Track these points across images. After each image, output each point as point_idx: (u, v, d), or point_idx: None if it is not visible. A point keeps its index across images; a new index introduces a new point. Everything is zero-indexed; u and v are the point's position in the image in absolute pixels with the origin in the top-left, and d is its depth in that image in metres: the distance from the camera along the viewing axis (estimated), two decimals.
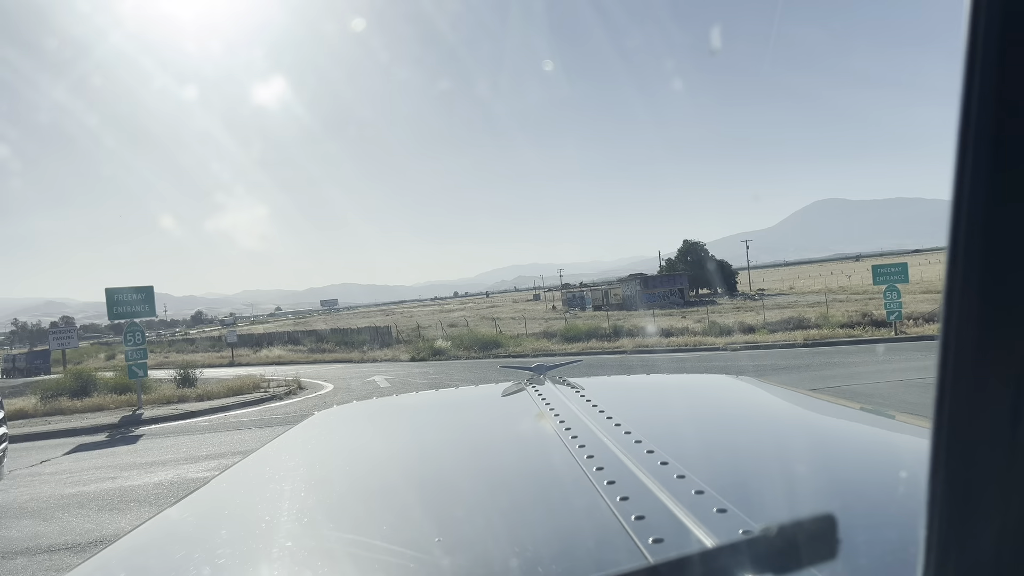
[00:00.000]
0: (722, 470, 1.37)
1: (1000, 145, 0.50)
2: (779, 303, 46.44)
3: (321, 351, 43.32)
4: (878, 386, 14.92)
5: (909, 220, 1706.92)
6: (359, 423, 2.34)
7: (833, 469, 1.41)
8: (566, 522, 1.19)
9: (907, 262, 28.60)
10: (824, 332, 27.32)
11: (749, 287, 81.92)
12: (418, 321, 58.57)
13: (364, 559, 1.14)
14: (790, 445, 1.62)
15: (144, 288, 20.46)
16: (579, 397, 1.97)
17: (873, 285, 28.35)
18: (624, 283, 67.80)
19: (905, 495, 1.16)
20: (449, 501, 1.38)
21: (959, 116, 0.52)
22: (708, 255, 75.54)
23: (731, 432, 1.81)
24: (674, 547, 0.97)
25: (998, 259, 0.51)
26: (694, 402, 2.25)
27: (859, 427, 1.87)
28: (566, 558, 1.04)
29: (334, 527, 1.31)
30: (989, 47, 0.50)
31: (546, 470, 1.50)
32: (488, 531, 1.20)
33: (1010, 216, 0.51)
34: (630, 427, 1.53)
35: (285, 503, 1.50)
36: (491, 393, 2.44)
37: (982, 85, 0.51)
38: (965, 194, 0.52)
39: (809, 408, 2.05)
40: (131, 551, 1.43)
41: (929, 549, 0.54)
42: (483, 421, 2.20)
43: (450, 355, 33.10)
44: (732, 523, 1.01)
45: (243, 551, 1.26)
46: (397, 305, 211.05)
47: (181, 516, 1.57)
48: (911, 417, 1.73)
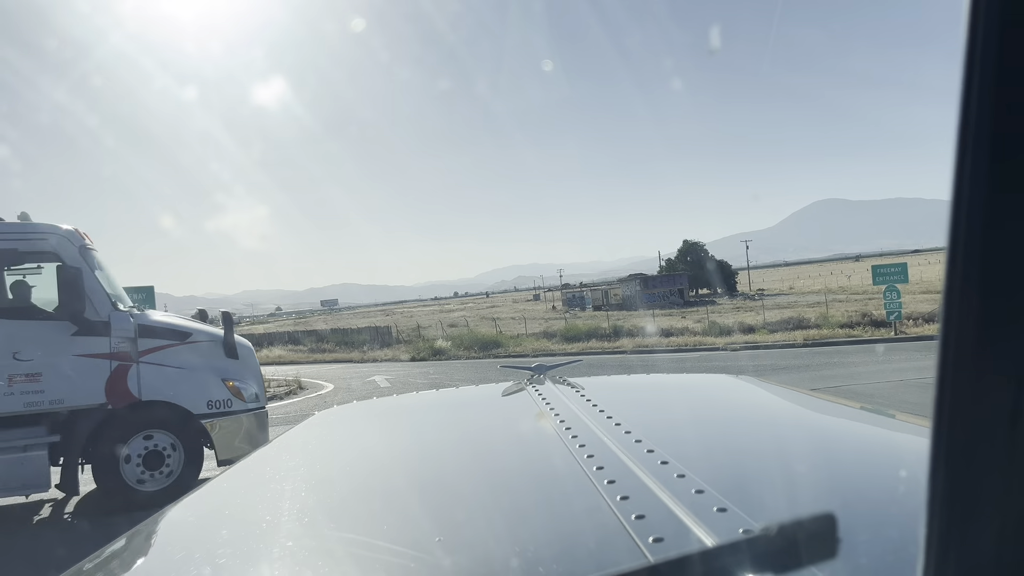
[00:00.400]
0: (722, 469, 1.37)
1: (999, 144, 0.51)
2: (779, 303, 46.44)
3: (321, 351, 43.29)
4: (878, 386, 14.92)
5: (909, 220, 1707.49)
6: (359, 423, 2.34)
7: (833, 468, 1.42)
8: (566, 522, 1.19)
9: (907, 262, 28.61)
10: (824, 332, 27.33)
11: (749, 287, 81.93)
12: (418, 321, 58.59)
13: (365, 559, 1.14)
14: (790, 444, 1.62)
15: (144, 288, 20.48)
16: (579, 397, 1.97)
17: (873, 285, 28.35)
18: (624, 283, 67.82)
19: (905, 494, 1.16)
20: (449, 501, 1.38)
21: (958, 115, 0.52)
22: (708, 255, 75.57)
23: (731, 431, 1.81)
24: (674, 546, 0.97)
25: (998, 259, 0.51)
26: (694, 402, 2.26)
27: (859, 427, 1.87)
28: (566, 557, 1.04)
29: (335, 527, 1.31)
30: (988, 46, 0.50)
31: (546, 470, 1.50)
32: (488, 531, 1.20)
33: (1010, 216, 0.51)
34: (630, 427, 1.54)
35: (285, 503, 1.50)
36: (491, 393, 2.44)
37: (981, 84, 0.51)
38: (965, 194, 0.52)
39: (809, 408, 2.05)
40: (131, 551, 1.43)
41: (929, 548, 0.54)
42: (483, 421, 2.20)
43: (450, 355, 33.10)
44: (732, 522, 1.01)
45: (243, 551, 1.26)
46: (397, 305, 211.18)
47: (181, 516, 1.58)
48: (911, 417, 1.73)
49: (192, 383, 9.52)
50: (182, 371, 9.51)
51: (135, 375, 9.25)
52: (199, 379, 9.58)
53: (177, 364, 9.52)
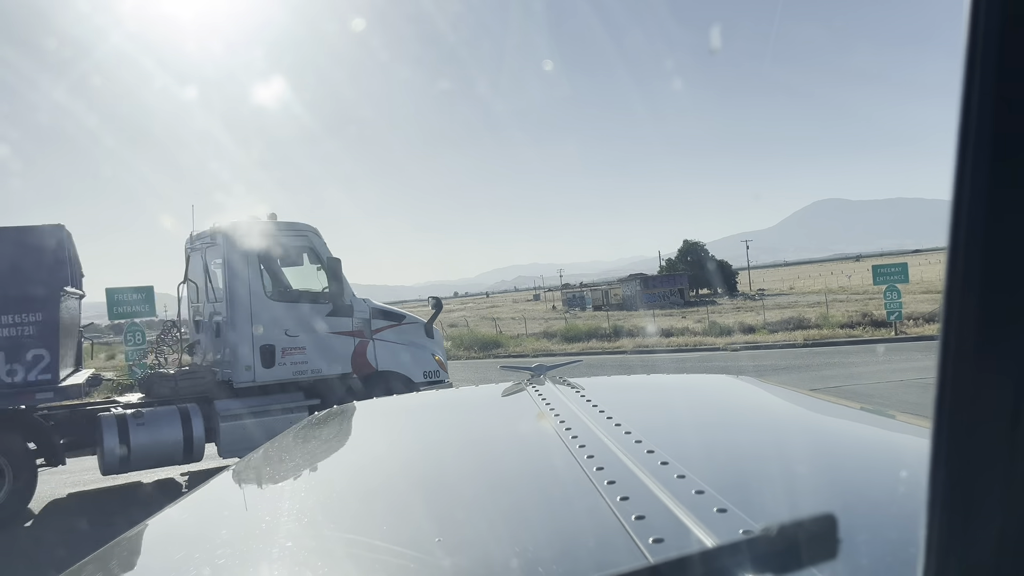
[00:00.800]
0: (722, 470, 1.37)
1: (1000, 143, 0.50)
2: (779, 303, 46.43)
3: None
4: (878, 386, 14.92)
5: (909, 220, 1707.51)
6: (359, 423, 2.34)
7: (833, 469, 1.42)
8: (566, 522, 1.19)
9: (907, 262, 28.58)
10: (824, 332, 27.31)
11: (749, 287, 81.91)
12: None
13: (364, 559, 1.14)
14: (790, 445, 1.62)
15: (144, 288, 20.46)
16: (579, 397, 1.97)
17: (873, 285, 28.31)
18: (624, 283, 67.80)
19: (905, 495, 1.15)
20: (449, 501, 1.38)
21: (959, 114, 0.52)
22: (708, 255, 75.52)
23: (731, 432, 1.81)
24: (674, 547, 0.96)
25: (999, 258, 0.51)
26: (694, 402, 2.25)
27: (859, 427, 1.87)
28: (566, 558, 1.04)
29: (334, 527, 1.31)
30: (989, 44, 0.50)
31: (546, 470, 1.50)
32: (488, 531, 1.20)
33: (1011, 215, 0.51)
34: (630, 427, 1.53)
35: (285, 503, 1.50)
36: (491, 393, 2.44)
37: (982, 82, 0.50)
38: (965, 193, 0.52)
39: (809, 408, 2.05)
40: (131, 551, 1.43)
41: (930, 549, 0.54)
42: (483, 421, 2.20)
43: (450, 355, 33.04)
44: (732, 523, 1.01)
45: (243, 551, 1.26)
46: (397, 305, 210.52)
47: (181, 516, 1.57)
48: (911, 417, 1.73)
49: (412, 357, 11.54)
50: (403, 347, 11.52)
51: (372, 350, 11.14)
52: (416, 354, 11.63)
53: (398, 341, 11.49)
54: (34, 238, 9.08)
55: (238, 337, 10.19)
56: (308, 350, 10.52)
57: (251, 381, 10.21)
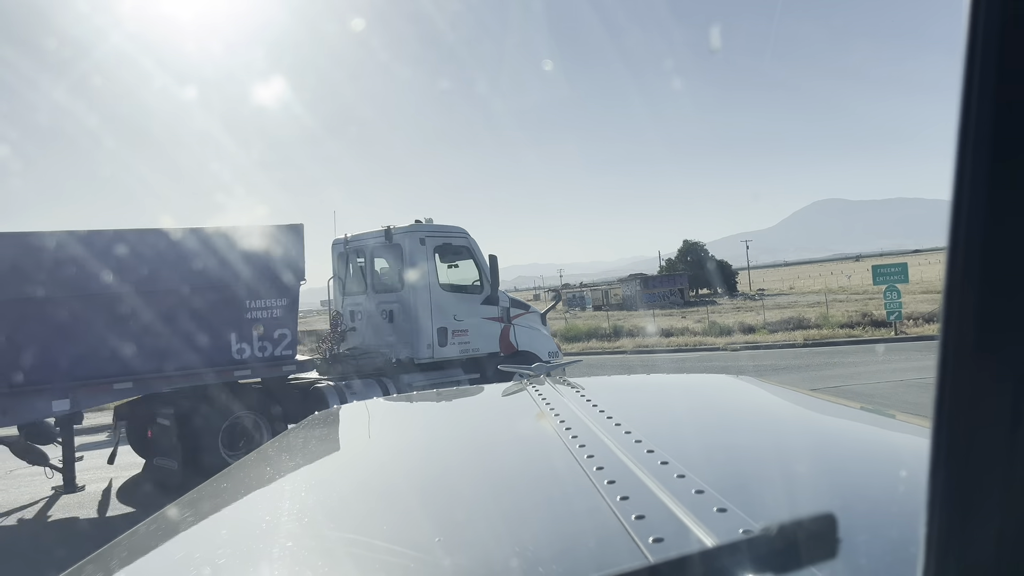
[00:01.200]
0: (722, 470, 1.37)
1: (1000, 143, 0.50)
2: (779, 303, 46.42)
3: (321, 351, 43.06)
4: (878, 386, 14.92)
5: (909, 220, 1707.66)
6: (359, 423, 2.34)
7: (833, 468, 1.42)
8: (566, 521, 1.19)
9: (907, 262, 28.57)
10: (824, 332, 27.29)
11: (749, 287, 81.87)
12: None
13: (364, 559, 1.14)
14: (790, 445, 1.62)
15: None
16: (579, 397, 1.97)
17: (873, 285, 28.30)
18: (624, 283, 67.76)
19: (905, 494, 1.15)
20: (449, 501, 1.38)
21: (959, 114, 0.52)
22: (708, 255, 75.47)
23: (731, 432, 1.81)
24: (674, 547, 0.96)
25: (999, 258, 0.51)
26: (694, 402, 2.25)
27: (859, 427, 1.87)
28: (566, 557, 1.04)
29: (335, 527, 1.31)
30: (989, 44, 0.50)
31: (546, 470, 1.50)
32: (488, 531, 1.20)
33: (1011, 215, 0.51)
34: (630, 427, 1.53)
35: (285, 503, 1.50)
36: (491, 393, 2.44)
37: (982, 82, 0.50)
38: (965, 193, 0.52)
39: (809, 408, 2.05)
40: (131, 551, 1.43)
41: (929, 548, 0.54)
42: (483, 421, 2.21)
43: None
44: (732, 522, 1.01)
45: (243, 551, 1.26)
46: None
47: (181, 516, 1.57)
48: (911, 417, 1.73)
49: (540, 339, 13.79)
50: (533, 330, 13.71)
51: (513, 333, 13.27)
52: (542, 337, 13.97)
53: (529, 326, 13.65)
54: (283, 235, 10.62)
55: (420, 321, 12.24)
56: (470, 332, 12.74)
57: (430, 358, 12.29)
